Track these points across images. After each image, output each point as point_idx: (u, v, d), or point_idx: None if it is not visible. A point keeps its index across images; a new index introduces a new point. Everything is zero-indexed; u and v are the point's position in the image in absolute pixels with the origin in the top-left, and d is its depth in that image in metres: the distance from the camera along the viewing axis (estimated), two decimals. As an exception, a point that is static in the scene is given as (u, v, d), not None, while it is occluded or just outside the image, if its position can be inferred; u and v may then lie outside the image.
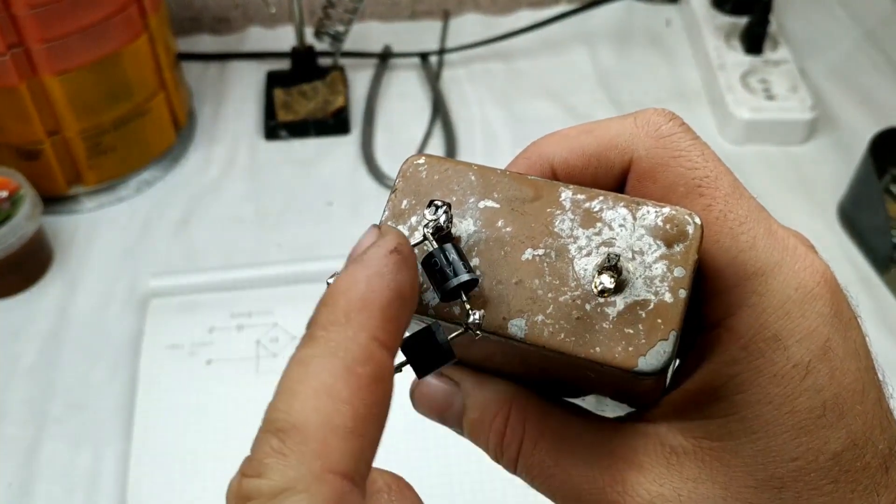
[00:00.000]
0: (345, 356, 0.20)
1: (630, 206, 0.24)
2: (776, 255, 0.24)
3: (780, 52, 0.90)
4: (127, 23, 0.74)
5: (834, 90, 0.91)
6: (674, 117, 0.26)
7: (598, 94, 0.92)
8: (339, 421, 0.19)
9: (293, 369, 0.20)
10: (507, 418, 0.27)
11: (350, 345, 0.20)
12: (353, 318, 0.21)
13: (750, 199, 0.25)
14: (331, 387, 0.20)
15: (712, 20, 0.94)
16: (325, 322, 0.21)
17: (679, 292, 0.23)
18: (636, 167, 0.26)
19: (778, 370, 0.23)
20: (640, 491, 0.25)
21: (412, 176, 0.27)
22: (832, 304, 0.24)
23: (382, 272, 0.21)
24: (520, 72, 0.95)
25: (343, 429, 0.19)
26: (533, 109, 0.90)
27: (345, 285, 0.21)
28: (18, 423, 0.65)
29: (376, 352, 0.20)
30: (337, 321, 0.21)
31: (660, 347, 0.23)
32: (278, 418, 0.20)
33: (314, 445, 0.19)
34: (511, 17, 1.00)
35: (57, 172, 0.78)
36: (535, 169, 0.27)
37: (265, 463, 0.19)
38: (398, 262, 0.21)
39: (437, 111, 0.89)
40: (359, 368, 0.20)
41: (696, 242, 0.23)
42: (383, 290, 0.21)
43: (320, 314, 0.21)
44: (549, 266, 0.24)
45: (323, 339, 0.20)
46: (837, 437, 0.23)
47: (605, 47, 0.97)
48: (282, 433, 0.19)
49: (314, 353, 0.20)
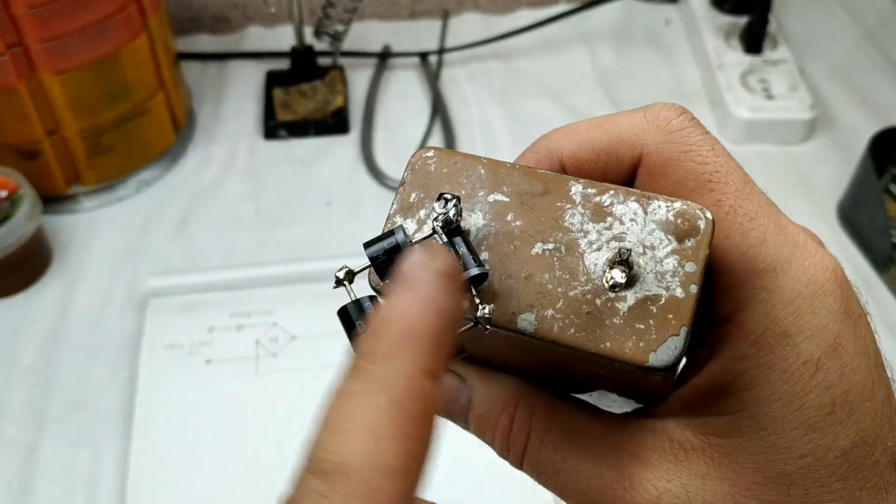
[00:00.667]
0: (393, 393, 0.19)
1: (641, 200, 0.24)
2: (786, 251, 0.24)
3: (780, 52, 0.90)
4: (126, 22, 0.74)
5: (833, 90, 0.91)
6: (684, 111, 0.26)
7: (598, 94, 0.92)
8: (385, 461, 0.19)
9: (339, 404, 0.20)
10: (513, 414, 0.27)
11: (399, 380, 0.19)
12: (405, 349, 0.20)
13: (760, 194, 0.25)
14: (378, 426, 0.19)
15: (712, 20, 0.94)
16: (372, 354, 0.20)
17: (690, 288, 0.23)
18: (646, 162, 0.26)
19: (787, 367, 0.23)
20: (647, 487, 0.25)
21: (421, 169, 0.26)
22: (842, 301, 0.24)
23: (433, 297, 0.20)
24: (519, 71, 0.95)
25: (389, 469, 0.19)
26: (532, 109, 0.90)
27: (393, 313, 0.20)
28: (18, 422, 0.65)
29: (425, 385, 0.20)
30: (387, 354, 0.20)
31: (670, 343, 0.23)
32: (323, 458, 0.19)
33: (361, 489, 0.18)
34: (510, 17, 1.00)
35: (56, 172, 0.77)
36: (544, 163, 0.27)
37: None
38: (448, 285, 0.21)
39: (436, 111, 0.89)
40: (407, 404, 0.19)
41: (707, 237, 0.23)
42: (434, 317, 0.20)
43: (368, 344, 0.20)
44: (559, 260, 0.24)
45: (373, 374, 0.20)
46: (847, 434, 0.23)
47: (604, 47, 0.97)
48: (327, 475, 0.18)
49: (360, 389, 0.19)
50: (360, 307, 0.23)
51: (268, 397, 0.66)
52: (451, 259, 0.22)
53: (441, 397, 0.28)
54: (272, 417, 0.64)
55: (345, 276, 0.24)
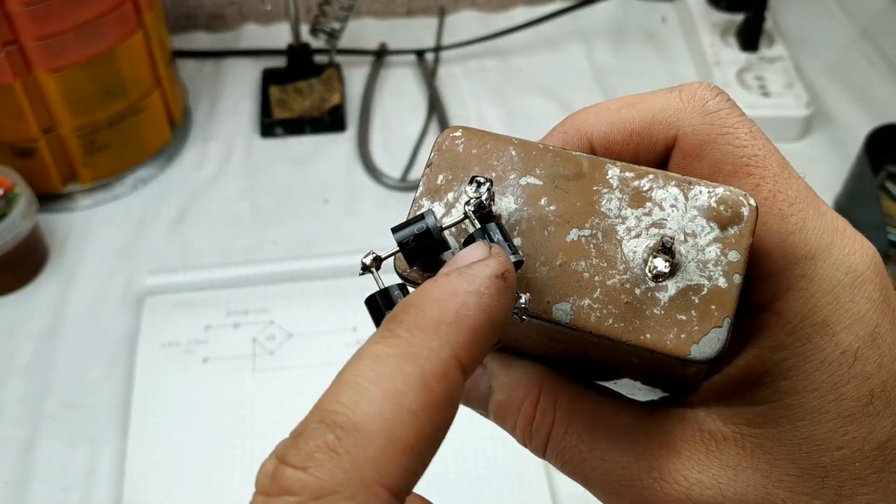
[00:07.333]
0: (423, 366, 0.19)
1: (681, 185, 0.23)
2: (826, 237, 0.23)
3: (776, 49, 0.90)
4: (122, 20, 0.73)
5: (829, 87, 0.92)
6: (720, 92, 0.25)
7: (594, 91, 0.92)
8: (402, 433, 0.18)
9: (364, 363, 0.19)
10: (536, 401, 0.26)
11: (432, 356, 0.19)
12: (443, 329, 0.19)
13: (798, 179, 0.24)
14: (402, 394, 0.18)
15: (708, 17, 0.94)
16: (410, 324, 0.19)
17: (734, 277, 0.22)
18: (681, 144, 0.25)
19: (825, 357, 0.23)
20: (677, 478, 0.24)
21: (448, 149, 0.25)
22: (881, 289, 0.23)
23: (483, 293, 0.20)
24: (516, 69, 0.95)
25: (405, 443, 0.18)
26: (529, 106, 0.90)
27: (441, 294, 0.20)
28: (14, 421, 0.65)
29: (454, 371, 0.19)
30: (424, 327, 0.19)
31: (713, 335, 0.22)
32: (338, 411, 0.18)
33: (372, 453, 0.18)
34: (507, 14, 1.00)
35: (52, 170, 0.77)
36: (573, 143, 0.26)
37: (315, 457, 0.18)
38: (501, 288, 0.20)
39: (433, 108, 0.89)
40: (435, 383, 0.19)
41: (751, 225, 0.22)
42: (479, 311, 0.20)
43: (407, 314, 0.19)
44: (595, 247, 0.23)
45: (405, 341, 0.19)
46: (883, 426, 0.23)
47: (600, 44, 0.97)
48: (340, 430, 0.18)
49: (391, 353, 0.19)
50: (388, 297, 0.23)
51: (264, 395, 0.66)
52: (510, 264, 0.21)
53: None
54: (269, 415, 0.64)
55: (371, 262, 0.23)
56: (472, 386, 0.28)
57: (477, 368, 0.27)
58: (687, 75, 0.93)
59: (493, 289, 0.20)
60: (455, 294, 0.20)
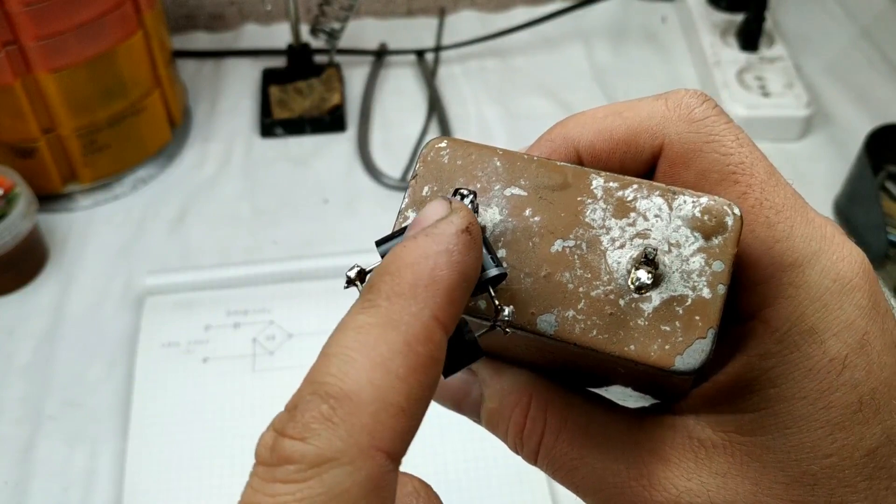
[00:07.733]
0: (406, 331, 0.19)
1: (666, 195, 0.23)
2: (814, 244, 0.23)
3: (776, 49, 0.90)
4: (122, 20, 0.73)
5: (830, 87, 0.92)
6: (707, 99, 0.25)
7: (594, 91, 0.92)
8: (393, 398, 0.19)
9: (348, 335, 0.19)
10: (527, 408, 0.26)
11: (413, 321, 0.19)
12: (419, 293, 0.20)
13: (786, 186, 0.24)
14: (389, 361, 0.19)
15: (708, 17, 0.94)
16: (388, 292, 0.20)
17: (718, 288, 0.22)
18: (668, 152, 0.25)
19: (813, 364, 0.23)
20: (666, 485, 0.24)
21: (433, 161, 0.25)
22: (870, 296, 0.23)
23: (452, 251, 0.20)
24: (516, 69, 0.95)
25: (395, 407, 0.19)
26: (529, 106, 0.90)
27: (412, 257, 0.20)
28: (14, 421, 0.65)
29: (436, 332, 0.20)
30: (402, 293, 0.20)
31: (697, 346, 0.22)
32: (329, 383, 0.19)
33: (366, 419, 0.18)
34: (507, 14, 1.00)
35: (52, 170, 0.77)
36: (560, 151, 0.26)
37: (312, 428, 0.18)
38: (468, 242, 0.21)
39: (433, 108, 0.89)
40: (419, 347, 0.19)
41: (735, 235, 0.22)
42: (451, 270, 0.20)
43: (383, 282, 0.20)
44: (579, 258, 0.23)
45: (385, 309, 0.19)
46: (873, 433, 0.23)
47: (600, 44, 0.97)
48: (333, 399, 0.18)
49: (373, 322, 0.19)
50: None
51: (264, 395, 0.66)
52: (473, 217, 0.21)
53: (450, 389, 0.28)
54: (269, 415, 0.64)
55: (356, 275, 0.23)
56: (464, 393, 0.28)
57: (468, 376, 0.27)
58: (687, 75, 0.93)
59: (461, 245, 0.20)
60: (426, 256, 0.20)
